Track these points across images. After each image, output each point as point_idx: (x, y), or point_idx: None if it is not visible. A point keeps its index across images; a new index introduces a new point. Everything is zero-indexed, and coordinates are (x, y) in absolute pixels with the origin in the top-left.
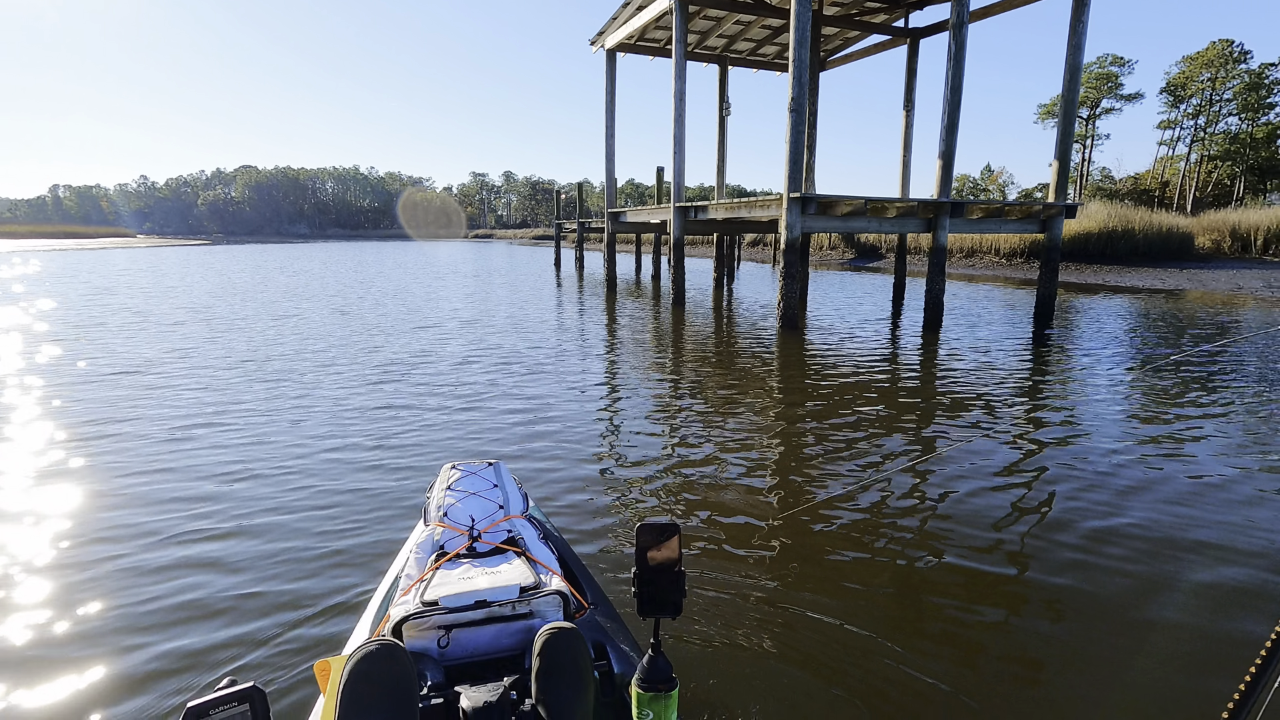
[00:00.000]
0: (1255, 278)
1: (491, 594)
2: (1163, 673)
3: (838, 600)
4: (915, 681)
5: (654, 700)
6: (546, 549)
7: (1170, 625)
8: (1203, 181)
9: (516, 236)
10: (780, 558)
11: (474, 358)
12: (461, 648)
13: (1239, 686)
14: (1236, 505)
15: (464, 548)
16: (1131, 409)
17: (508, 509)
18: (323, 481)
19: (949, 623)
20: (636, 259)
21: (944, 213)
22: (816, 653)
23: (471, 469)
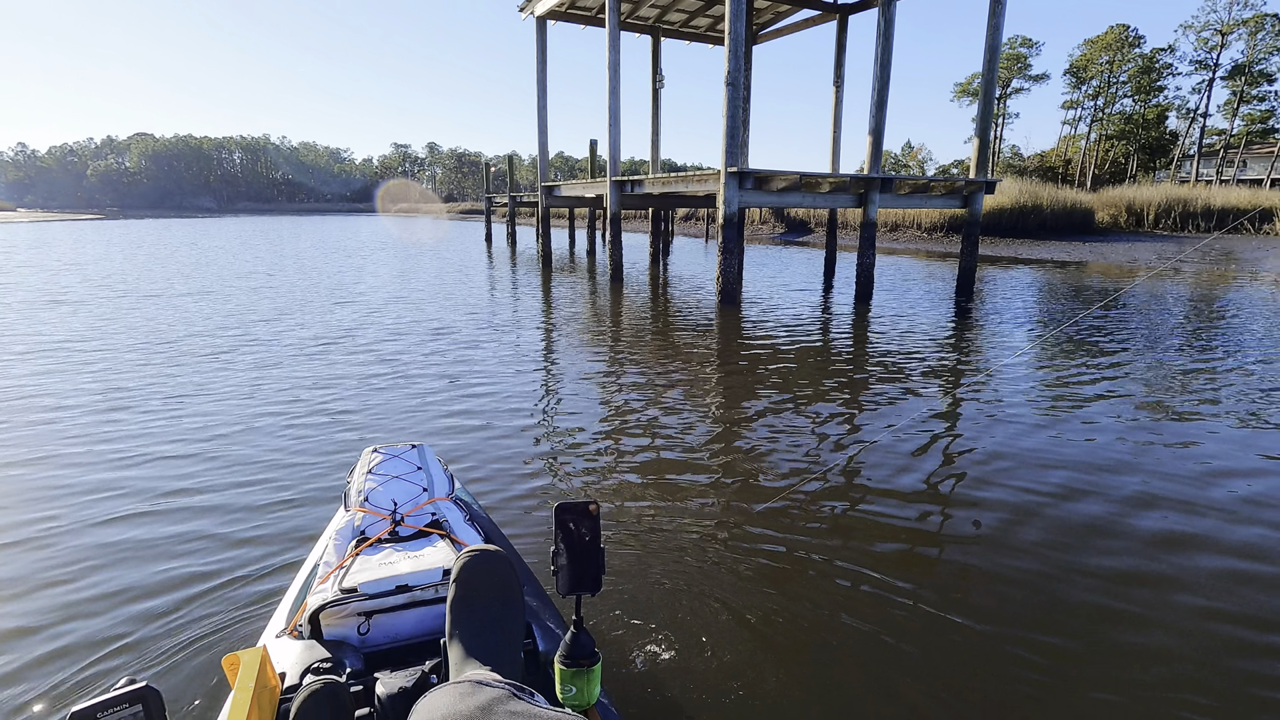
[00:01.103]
0: (1148, 250)
1: (413, 578)
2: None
3: (765, 572)
4: (838, 646)
5: (576, 675)
6: (473, 531)
7: (1047, 546)
8: (1101, 159)
9: (442, 211)
10: (713, 532)
11: (400, 336)
12: (383, 633)
13: None
14: (1127, 448)
15: (386, 532)
16: (1041, 368)
17: (432, 491)
18: (236, 467)
19: (873, 584)
20: (570, 234)
21: (874, 188)
22: (741, 625)
23: (394, 452)
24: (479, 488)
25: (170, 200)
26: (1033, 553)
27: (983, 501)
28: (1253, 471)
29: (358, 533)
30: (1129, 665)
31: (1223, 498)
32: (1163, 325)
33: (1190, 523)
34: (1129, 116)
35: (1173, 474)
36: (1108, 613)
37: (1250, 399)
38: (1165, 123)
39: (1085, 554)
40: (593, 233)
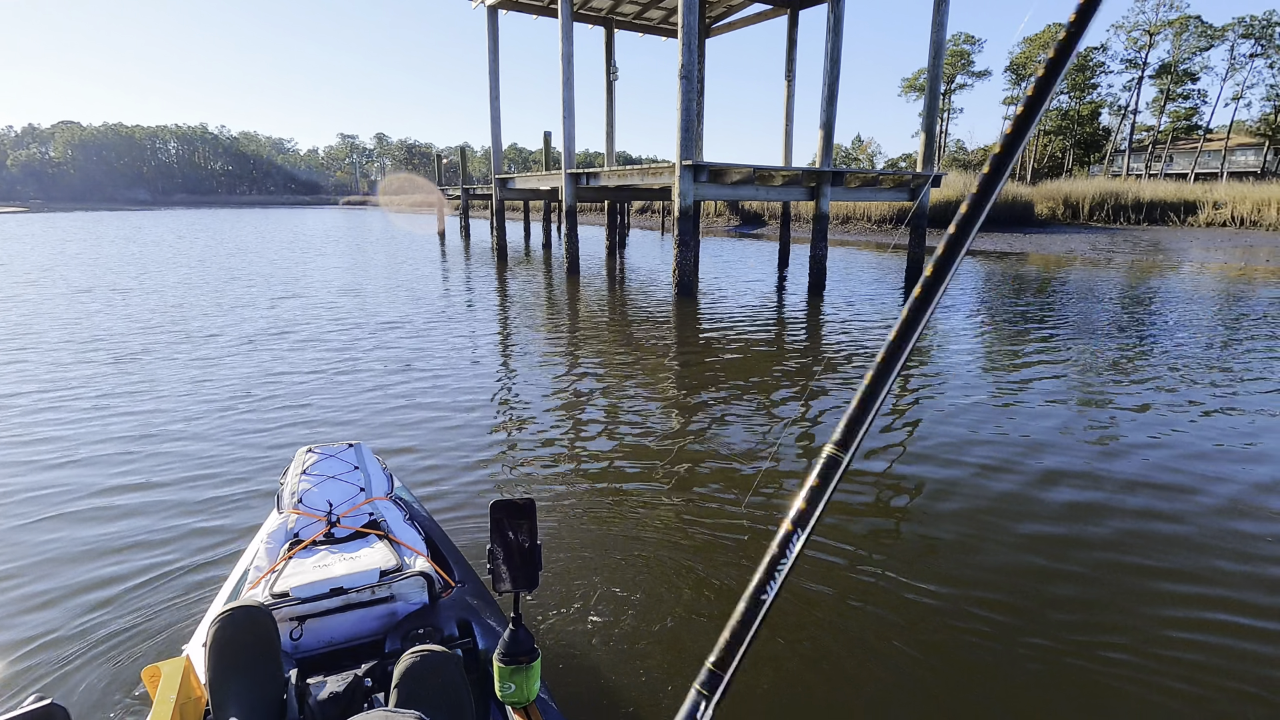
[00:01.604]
0: (1083, 241)
1: (349, 580)
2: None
3: (713, 562)
4: (790, 636)
5: (515, 673)
6: (412, 530)
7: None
8: (1040, 154)
9: (393, 204)
10: (661, 524)
11: (345, 331)
12: (317, 638)
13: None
14: (1055, 424)
15: (321, 534)
16: (985, 352)
17: (369, 491)
18: (163, 468)
19: (827, 569)
20: (525, 227)
21: (826, 181)
22: (688, 617)
23: (329, 451)
24: (423, 485)
25: (100, 192)
26: (969, 518)
27: (929, 477)
28: (1150, 444)
29: (291, 535)
30: (1056, 612)
31: (1134, 467)
32: (1093, 313)
33: (1100, 487)
34: (1065, 113)
35: (1091, 448)
36: (1045, 571)
37: (1163, 379)
38: (1099, 119)
39: (1019, 519)
40: (548, 225)
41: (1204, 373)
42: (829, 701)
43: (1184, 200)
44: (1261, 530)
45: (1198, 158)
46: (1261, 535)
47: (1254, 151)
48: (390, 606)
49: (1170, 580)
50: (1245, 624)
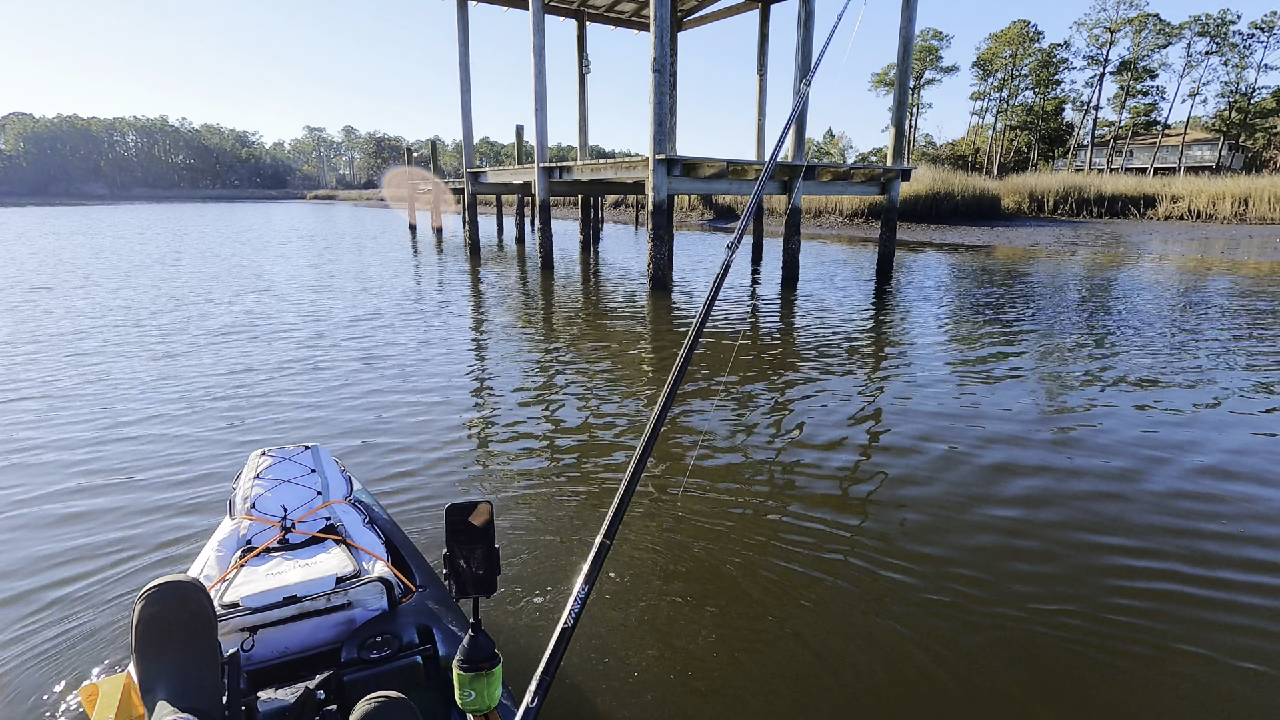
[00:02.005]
0: (1048, 234)
1: (304, 588)
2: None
3: (681, 561)
4: (760, 640)
5: (475, 679)
6: (372, 534)
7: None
8: (1006, 148)
9: (363, 198)
10: (633, 520)
11: (311, 326)
12: (270, 649)
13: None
14: (1019, 410)
15: (275, 540)
16: (955, 343)
17: (327, 495)
18: (111, 472)
19: (801, 562)
20: (498, 221)
21: (798, 175)
22: (656, 621)
23: (285, 454)
24: (386, 487)
25: (55, 186)
26: (934, 500)
27: (900, 466)
28: (1102, 430)
29: (243, 542)
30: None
31: (1087, 452)
32: (1057, 304)
33: (1055, 471)
34: (1030, 108)
35: (1048, 433)
36: (1006, 548)
37: (1121, 368)
38: (1062, 114)
39: (981, 501)
40: (521, 220)
41: (1161, 362)
42: (805, 672)
43: (1144, 194)
44: (1199, 509)
45: (1157, 152)
46: (1199, 512)
47: (1209, 146)
48: (347, 614)
49: (1118, 555)
50: (1185, 591)
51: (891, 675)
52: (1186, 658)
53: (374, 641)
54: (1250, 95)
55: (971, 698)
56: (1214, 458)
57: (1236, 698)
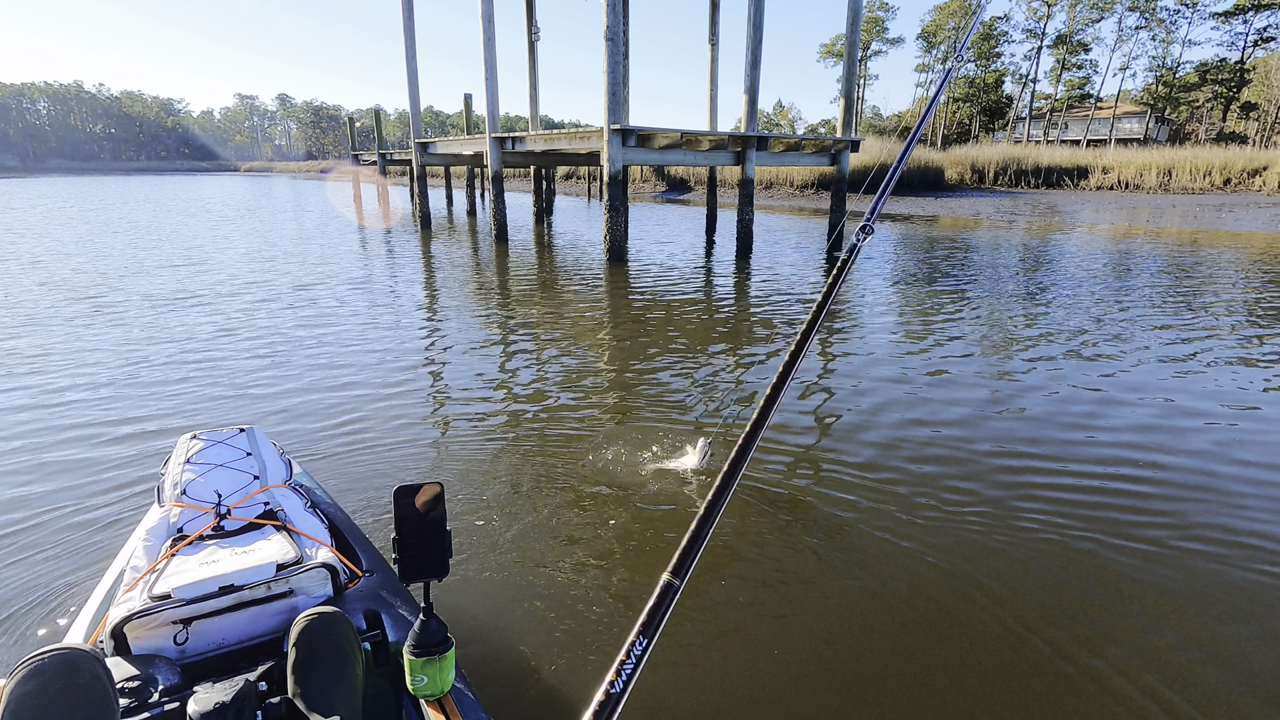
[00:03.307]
0: (989, 204)
1: (241, 576)
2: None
3: (639, 536)
4: (721, 617)
5: (428, 664)
6: (314, 519)
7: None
8: (950, 120)
9: (301, 170)
10: (590, 498)
11: (247, 300)
12: (207, 640)
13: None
14: (967, 373)
15: (209, 528)
16: (902, 311)
17: (264, 479)
18: (25, 456)
19: (759, 542)
20: (448, 194)
21: (751, 146)
22: (614, 600)
23: (217, 437)
24: (330, 469)
25: None
26: (886, 447)
27: (853, 424)
28: (1037, 387)
29: (174, 530)
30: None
31: (1024, 405)
32: (997, 271)
33: (991, 411)
34: (972, 80)
35: (988, 391)
36: (953, 491)
37: (1055, 331)
38: (1002, 87)
39: (927, 446)
40: (472, 192)
41: (1088, 323)
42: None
43: (1077, 165)
44: (1112, 454)
45: (1090, 125)
46: (1110, 458)
47: (1138, 119)
48: (290, 602)
49: (1032, 469)
50: (1070, 483)
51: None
52: (1072, 538)
53: None
54: (1175, 70)
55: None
56: (1115, 392)
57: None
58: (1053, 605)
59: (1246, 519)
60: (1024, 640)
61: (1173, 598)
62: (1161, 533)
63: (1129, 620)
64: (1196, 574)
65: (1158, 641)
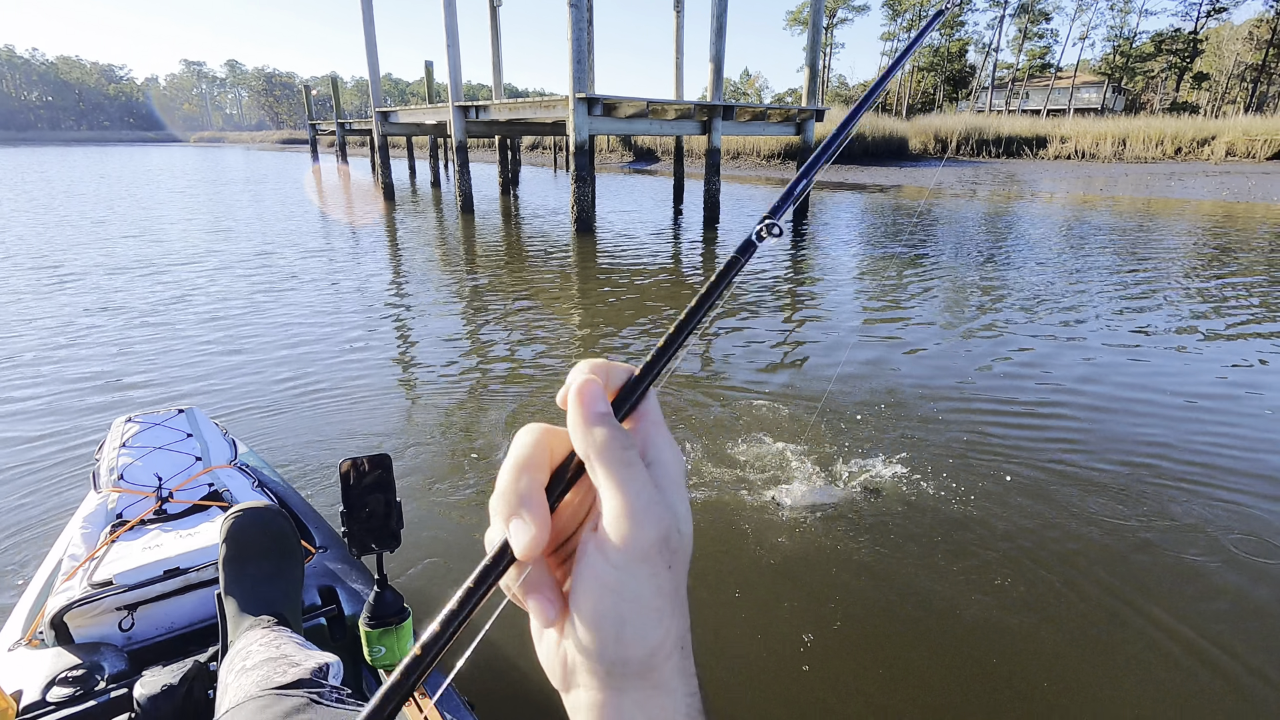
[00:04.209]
0: (951, 174)
1: (187, 559)
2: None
3: None
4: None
5: (385, 635)
6: (262, 498)
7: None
8: (914, 90)
9: (255, 140)
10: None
11: (198, 274)
12: (153, 626)
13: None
14: (929, 334)
15: (150, 512)
16: (866, 278)
17: (207, 460)
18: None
19: (722, 504)
20: (410, 165)
21: (717, 115)
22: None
23: (154, 420)
24: (279, 449)
25: None
26: (866, 404)
27: (830, 391)
28: (999, 342)
29: (113, 516)
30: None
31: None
32: (960, 240)
33: (954, 370)
34: (936, 50)
35: (953, 349)
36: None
37: (1014, 295)
38: (965, 56)
39: (902, 404)
40: (435, 163)
41: (1044, 286)
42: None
43: (1037, 135)
44: (1066, 400)
45: (1050, 94)
46: (1064, 404)
47: (1095, 89)
48: None
49: (980, 408)
50: (1004, 421)
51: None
52: (999, 461)
53: None
54: (1132, 40)
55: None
56: (1060, 344)
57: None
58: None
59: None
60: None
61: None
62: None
63: (1085, 535)
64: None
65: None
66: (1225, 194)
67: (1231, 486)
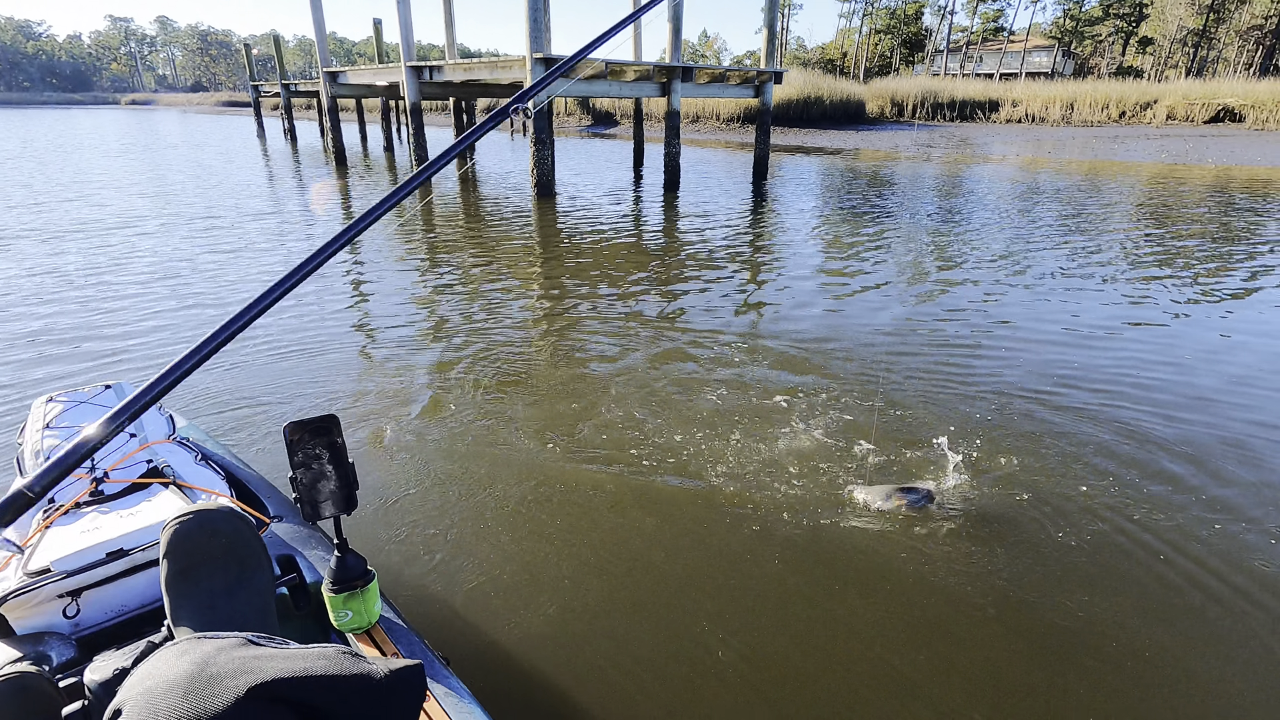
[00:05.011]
0: (907, 138)
1: (130, 539)
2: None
3: (557, 467)
4: (632, 540)
5: (350, 599)
6: (208, 471)
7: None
8: (871, 53)
9: (192, 103)
10: (523, 428)
11: (128, 239)
12: (102, 610)
13: None
14: (892, 296)
15: (85, 494)
16: (825, 240)
17: (143, 436)
18: None
19: (679, 469)
20: (360, 128)
21: (676, 77)
22: (527, 525)
23: (79, 398)
24: (223, 421)
25: None
26: (832, 355)
27: (784, 350)
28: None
29: (44, 501)
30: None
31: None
32: (915, 201)
33: (918, 325)
34: (893, 12)
35: (923, 310)
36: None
37: (969, 255)
38: (922, 18)
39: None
40: (388, 127)
41: (998, 246)
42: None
43: (989, 99)
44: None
45: (1003, 58)
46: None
47: (1047, 53)
48: None
49: (952, 351)
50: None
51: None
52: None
53: None
54: (1081, 3)
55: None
56: (1006, 296)
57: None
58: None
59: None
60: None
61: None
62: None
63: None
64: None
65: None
66: (1164, 156)
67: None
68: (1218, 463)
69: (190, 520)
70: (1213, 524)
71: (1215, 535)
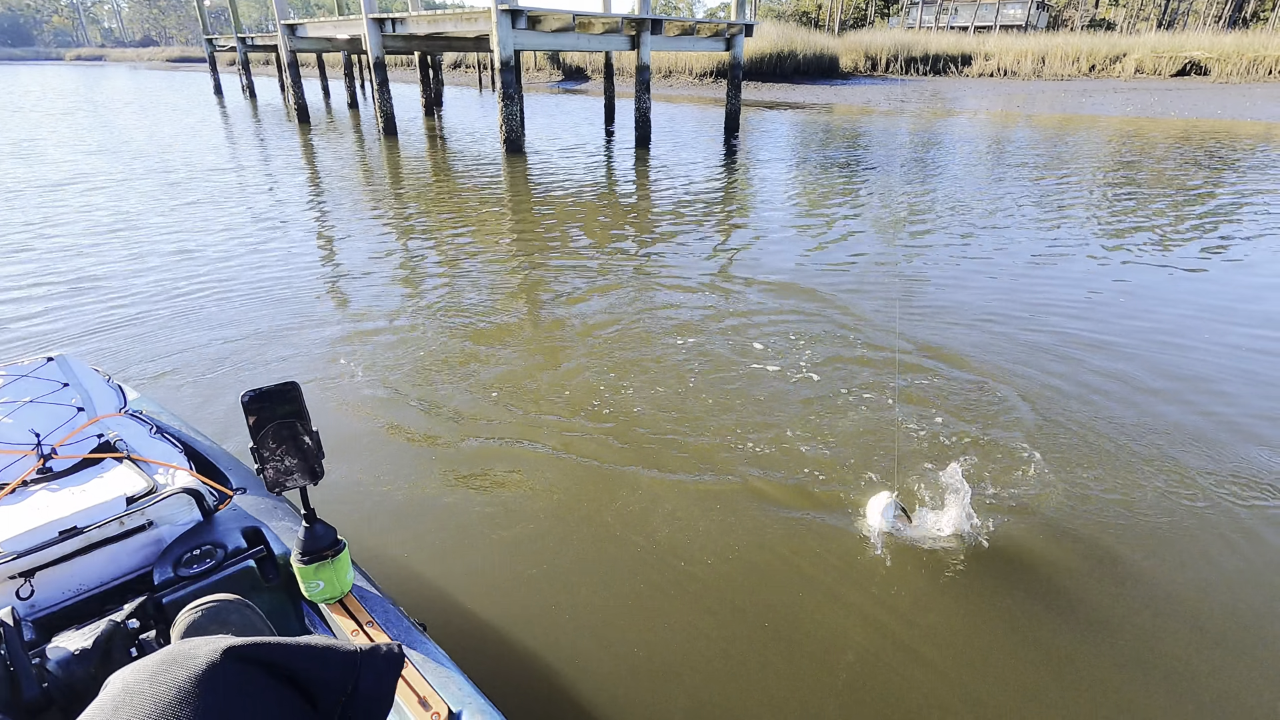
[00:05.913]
0: (880, 92)
1: (83, 517)
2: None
3: (533, 422)
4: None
5: (320, 569)
6: (164, 444)
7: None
8: (846, 5)
9: (142, 58)
10: (500, 387)
11: (79, 201)
12: (60, 589)
13: None
14: (862, 246)
15: (32, 471)
16: (798, 195)
17: (91, 410)
18: None
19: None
20: (323, 85)
21: (646, 29)
22: (498, 491)
23: (18, 371)
24: (184, 390)
25: None
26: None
27: (758, 300)
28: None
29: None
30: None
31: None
32: (889, 156)
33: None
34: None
35: (887, 238)
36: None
37: (941, 208)
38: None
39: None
40: (351, 83)
41: (971, 200)
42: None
43: (963, 52)
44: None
45: (977, 11)
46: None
47: (1020, 5)
48: (152, 534)
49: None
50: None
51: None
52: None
53: (192, 556)
54: None
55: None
56: (982, 249)
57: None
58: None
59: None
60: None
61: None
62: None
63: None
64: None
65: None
66: (1130, 109)
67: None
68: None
69: (201, 616)
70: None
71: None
